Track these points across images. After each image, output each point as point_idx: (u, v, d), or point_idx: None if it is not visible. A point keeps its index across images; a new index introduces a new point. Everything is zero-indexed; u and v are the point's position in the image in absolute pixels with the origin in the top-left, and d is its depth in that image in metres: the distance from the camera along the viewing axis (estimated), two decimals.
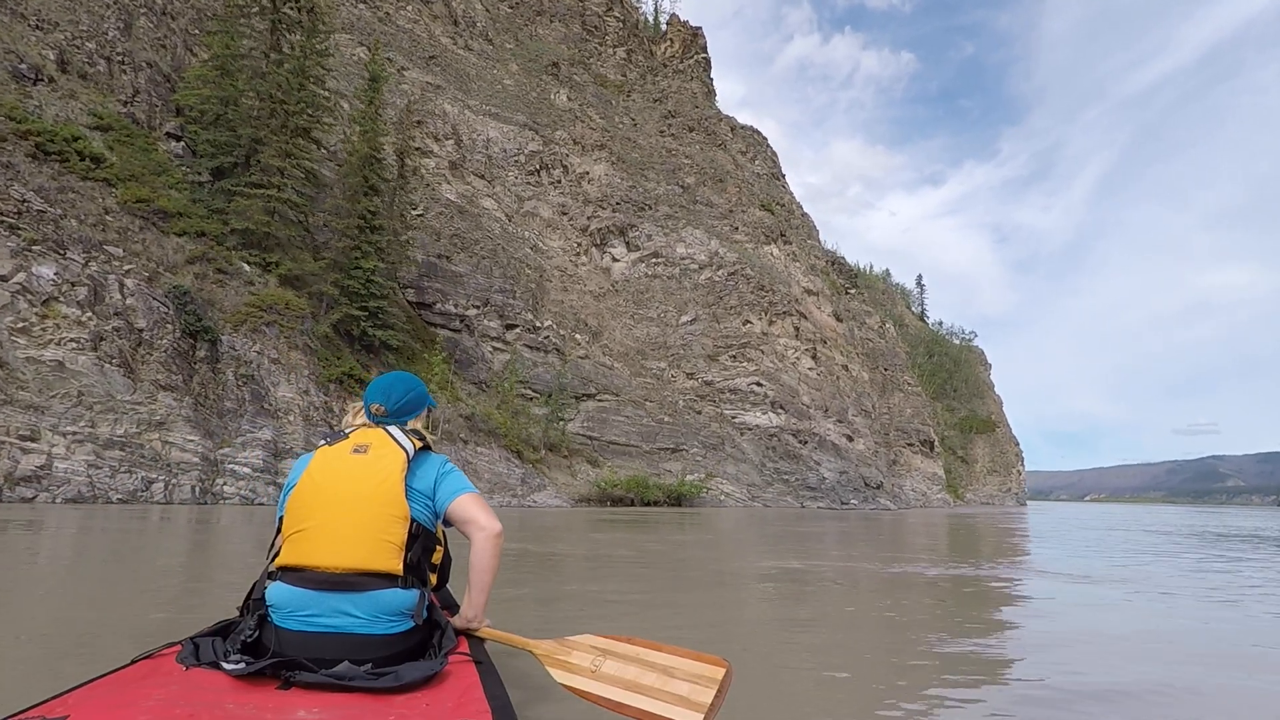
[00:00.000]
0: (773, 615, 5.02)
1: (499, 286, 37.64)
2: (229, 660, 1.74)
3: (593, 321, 40.74)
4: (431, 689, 1.68)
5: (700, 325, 43.26)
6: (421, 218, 37.24)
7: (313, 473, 1.97)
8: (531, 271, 40.25)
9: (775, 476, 40.12)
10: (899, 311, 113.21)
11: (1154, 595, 6.48)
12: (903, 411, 62.43)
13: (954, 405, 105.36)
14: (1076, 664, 3.54)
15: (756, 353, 42.74)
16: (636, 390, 39.48)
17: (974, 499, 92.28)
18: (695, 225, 48.31)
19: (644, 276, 44.89)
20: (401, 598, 1.89)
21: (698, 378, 41.40)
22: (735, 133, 65.76)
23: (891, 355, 66.59)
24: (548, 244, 43.41)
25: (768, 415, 41.11)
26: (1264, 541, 16.47)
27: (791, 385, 43.20)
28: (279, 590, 1.87)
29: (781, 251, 50.51)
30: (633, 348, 41.29)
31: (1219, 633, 4.77)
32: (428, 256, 35.92)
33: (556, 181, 45.97)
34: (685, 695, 1.72)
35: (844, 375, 49.15)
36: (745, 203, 52.09)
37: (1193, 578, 8.16)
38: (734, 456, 39.50)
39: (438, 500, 2.07)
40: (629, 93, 61.00)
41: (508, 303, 37.52)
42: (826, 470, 41.85)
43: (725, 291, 44.77)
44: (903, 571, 7.94)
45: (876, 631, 4.37)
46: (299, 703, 1.55)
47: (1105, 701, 2.87)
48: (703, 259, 46.33)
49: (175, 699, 1.51)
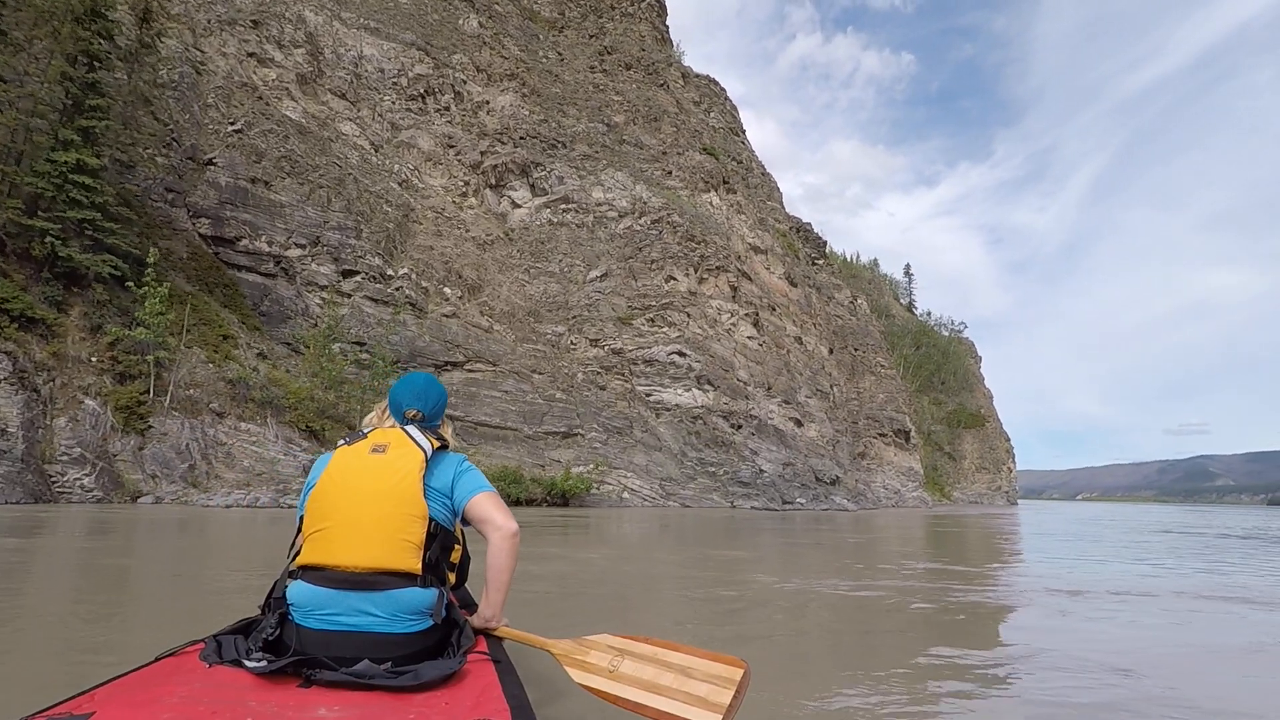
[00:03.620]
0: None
1: (338, 223, 29.22)
2: (251, 658, 1.75)
3: (471, 274, 32.34)
4: (450, 687, 1.68)
5: (612, 282, 34.91)
6: (240, 135, 28.81)
7: (332, 472, 1.97)
8: (392, 210, 31.84)
9: (698, 469, 31.86)
10: (886, 301, 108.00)
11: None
12: (874, 397, 54.23)
13: (942, 398, 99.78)
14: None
15: (680, 315, 34.44)
16: (522, 359, 31.15)
17: (962, 498, 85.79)
18: (619, 168, 39.97)
19: (547, 224, 36.52)
20: (420, 597, 1.89)
21: (604, 345, 33.07)
22: (687, 80, 57.46)
23: (864, 334, 58.35)
24: (426, 181, 35.00)
25: (691, 392, 32.84)
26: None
27: (724, 357, 34.92)
28: (300, 589, 1.88)
29: (723, 201, 42.13)
30: (523, 307, 32.93)
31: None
32: (236, 180, 27.50)
33: (444, 109, 37.54)
34: (703, 696, 1.70)
35: (796, 349, 40.85)
36: (683, 145, 43.74)
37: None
38: (645, 443, 31.22)
39: (455, 499, 2.06)
40: (562, 29, 52.63)
41: (347, 243, 29.11)
42: (766, 461, 33.59)
43: (645, 242, 36.44)
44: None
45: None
46: (320, 700, 1.56)
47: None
48: (624, 205, 37.99)
49: (198, 696, 1.52)
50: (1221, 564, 10.92)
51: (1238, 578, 8.77)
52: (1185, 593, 7.15)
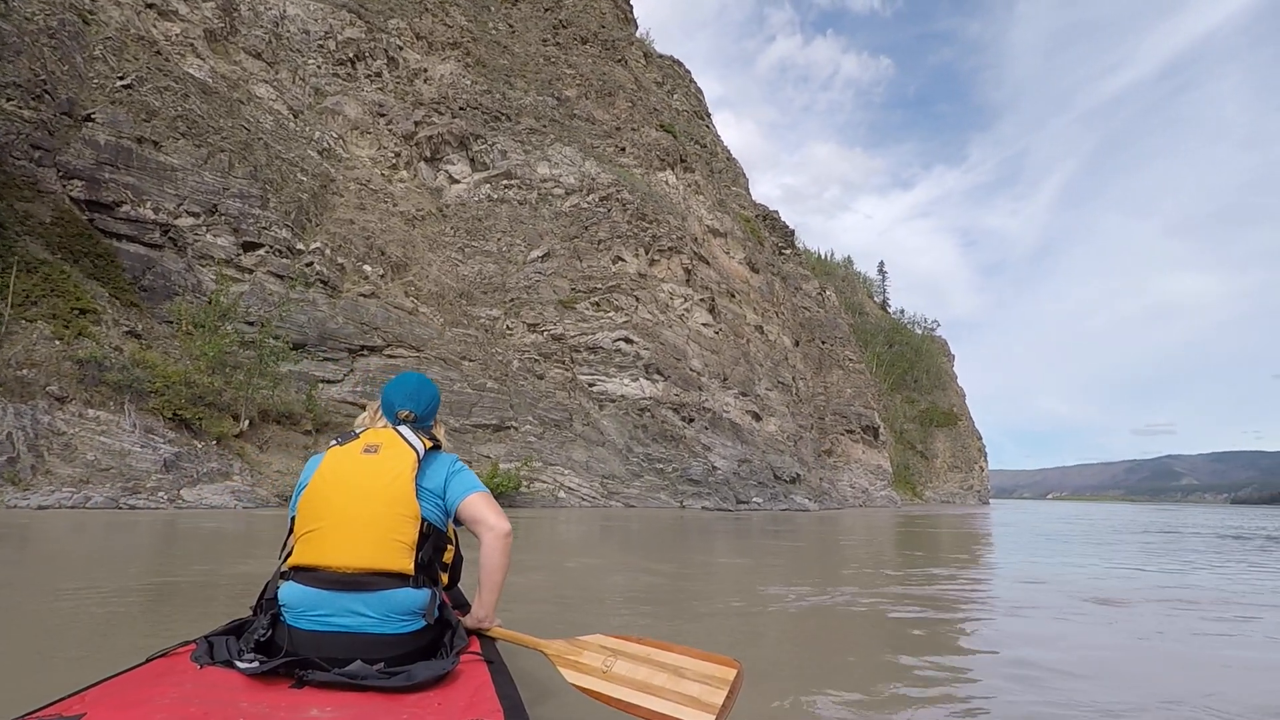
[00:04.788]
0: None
1: (241, 191, 26.10)
2: (243, 659, 1.72)
3: (397, 251, 29.36)
4: (443, 688, 1.66)
5: (555, 262, 32.12)
6: (130, 91, 25.57)
7: (324, 473, 1.95)
8: (307, 179, 28.76)
9: (645, 465, 29.21)
10: (860, 299, 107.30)
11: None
12: (842, 392, 52.02)
13: (914, 397, 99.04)
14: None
15: (628, 299, 31.74)
16: (451, 344, 28.26)
17: (933, 497, 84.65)
18: (567, 143, 37.18)
19: (486, 200, 33.63)
20: (413, 597, 1.87)
21: (544, 330, 30.27)
22: (650, 60, 54.87)
23: (832, 327, 56.13)
24: (351, 151, 31.94)
25: (639, 382, 30.17)
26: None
27: (676, 344, 32.30)
28: (291, 590, 1.85)
29: (680, 180, 39.50)
30: (454, 288, 30.02)
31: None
32: (119, 139, 24.28)
33: (375, 75, 34.50)
34: (696, 696, 1.68)
35: (756, 338, 38.35)
36: (639, 121, 41.07)
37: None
38: (586, 438, 28.49)
39: (448, 499, 2.03)
40: (516, 1, 49.66)
41: (251, 213, 26.00)
42: (720, 458, 31.03)
43: (593, 220, 33.70)
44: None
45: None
46: (312, 701, 1.54)
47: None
48: (571, 182, 35.23)
49: (190, 697, 1.51)
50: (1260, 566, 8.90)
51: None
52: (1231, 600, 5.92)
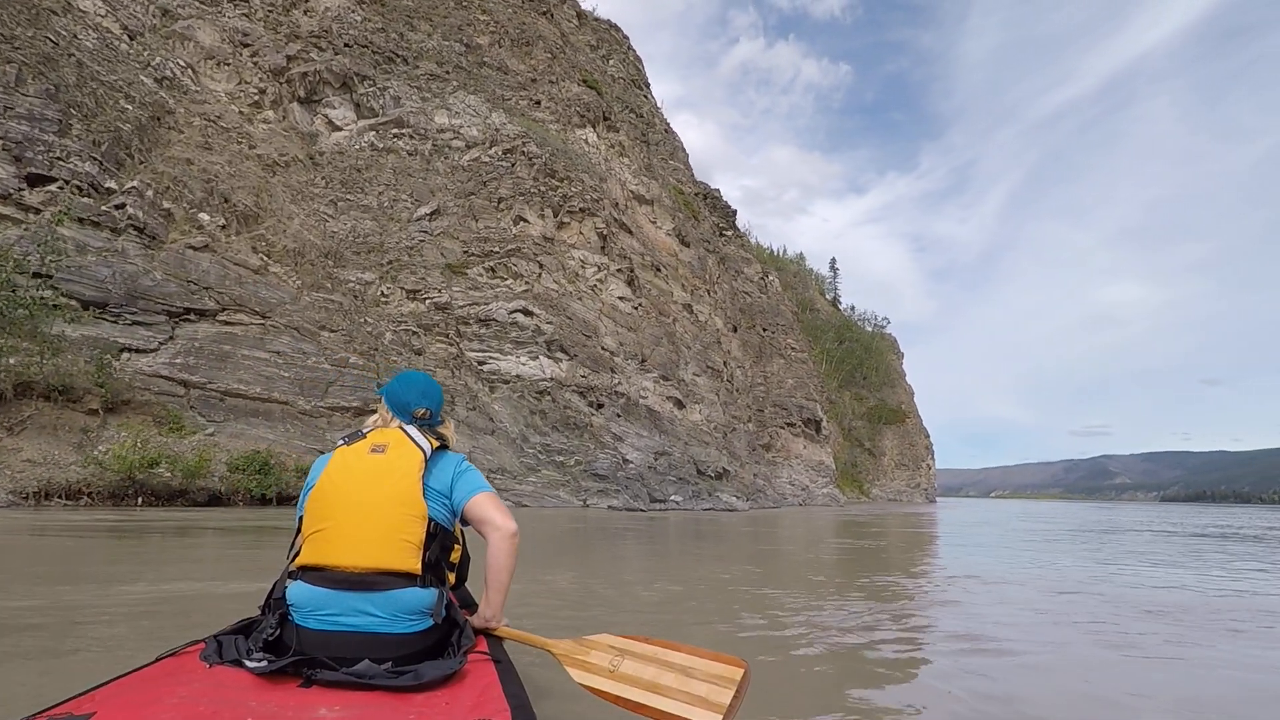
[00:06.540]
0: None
1: (31, 111, 20.87)
2: (251, 658, 1.72)
3: (247, 199, 24.43)
4: (451, 687, 1.66)
5: (446, 221, 27.59)
6: None
7: (331, 473, 1.95)
8: (133, 109, 23.63)
9: (543, 457, 24.97)
10: (811, 295, 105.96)
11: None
12: (783, 382, 48.61)
13: (863, 394, 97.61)
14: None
15: (530, 265, 27.43)
16: (308, 311, 23.53)
17: (881, 495, 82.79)
18: (472, 91, 32.63)
19: (370, 149, 28.88)
20: (420, 597, 1.87)
21: (426, 298, 25.75)
22: (583, 21, 50.44)
23: (774, 313, 52.70)
24: (204, 83, 26.84)
25: (539, 361, 25.91)
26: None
27: (586, 319, 28.12)
28: (299, 590, 1.86)
29: (602, 140, 35.32)
30: (318, 246, 25.25)
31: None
32: None
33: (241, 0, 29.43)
34: (704, 695, 1.67)
35: (684, 318, 34.44)
36: (559, 74, 36.72)
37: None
38: (472, 424, 24.11)
39: (455, 499, 2.04)
40: None
41: (43, 139, 20.81)
42: (632, 449, 26.99)
43: (493, 175, 29.26)
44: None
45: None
46: (320, 701, 1.54)
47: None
48: (474, 134, 30.70)
49: (199, 696, 1.50)
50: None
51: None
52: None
